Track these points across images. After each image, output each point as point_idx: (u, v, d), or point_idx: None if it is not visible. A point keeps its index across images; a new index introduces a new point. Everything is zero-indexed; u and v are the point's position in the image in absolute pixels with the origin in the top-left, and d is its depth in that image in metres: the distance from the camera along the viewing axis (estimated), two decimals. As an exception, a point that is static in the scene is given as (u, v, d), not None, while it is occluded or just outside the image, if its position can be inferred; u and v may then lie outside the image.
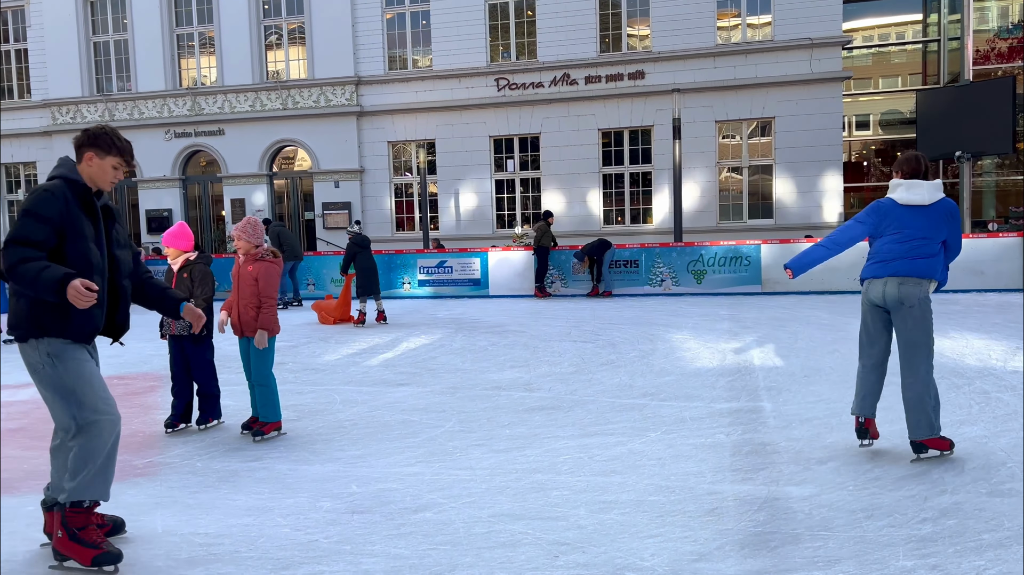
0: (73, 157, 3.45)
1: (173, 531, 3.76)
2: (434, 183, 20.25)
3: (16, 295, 3.25)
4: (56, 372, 3.22)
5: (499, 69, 19.54)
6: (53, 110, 22.04)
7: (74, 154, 3.44)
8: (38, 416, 6.33)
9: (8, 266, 3.10)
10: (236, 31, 20.78)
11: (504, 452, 4.99)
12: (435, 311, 13.17)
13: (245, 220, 5.56)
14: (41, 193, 3.21)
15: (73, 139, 3.46)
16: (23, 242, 3.13)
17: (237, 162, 21.13)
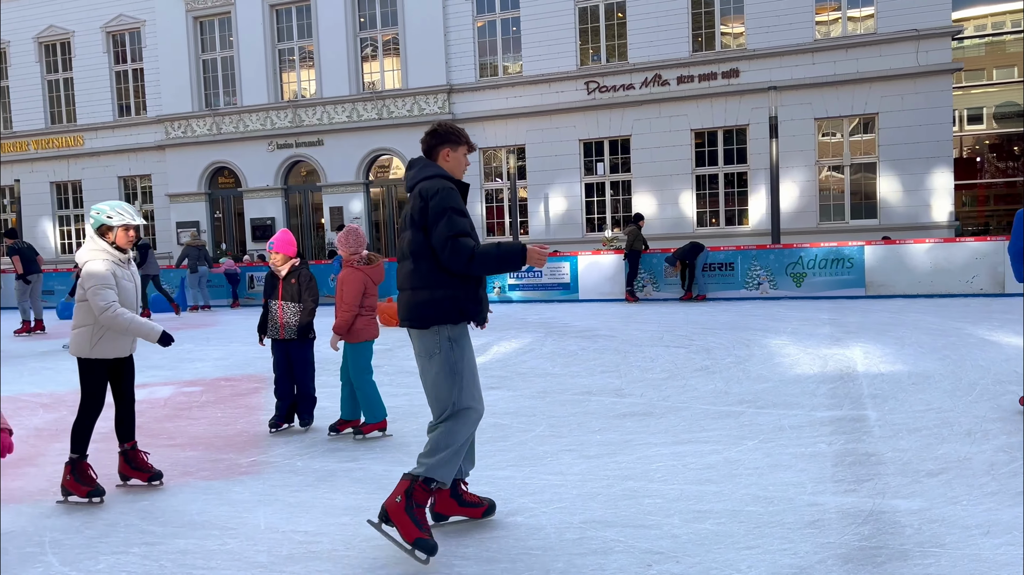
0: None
1: (275, 528, 3.90)
2: (524, 188, 20.36)
3: (423, 287, 3.49)
4: (452, 355, 3.49)
5: (589, 72, 19.48)
6: (166, 125, 23.31)
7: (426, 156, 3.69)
8: (151, 415, 6.70)
9: (466, 258, 3.38)
10: (334, 44, 21.47)
11: (595, 458, 4.96)
12: (525, 315, 13.22)
13: (346, 229, 5.76)
14: (448, 191, 3.47)
15: (422, 142, 3.71)
16: (463, 234, 3.42)
17: (335, 171, 21.82)
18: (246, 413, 6.69)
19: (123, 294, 4.50)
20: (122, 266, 4.55)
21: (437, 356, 3.50)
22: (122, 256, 4.54)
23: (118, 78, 24.19)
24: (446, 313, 3.48)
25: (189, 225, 23.23)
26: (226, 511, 4.17)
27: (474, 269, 3.42)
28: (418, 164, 3.67)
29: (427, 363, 3.54)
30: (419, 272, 3.51)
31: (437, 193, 3.46)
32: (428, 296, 3.49)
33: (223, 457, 5.32)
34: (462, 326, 3.55)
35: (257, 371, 8.73)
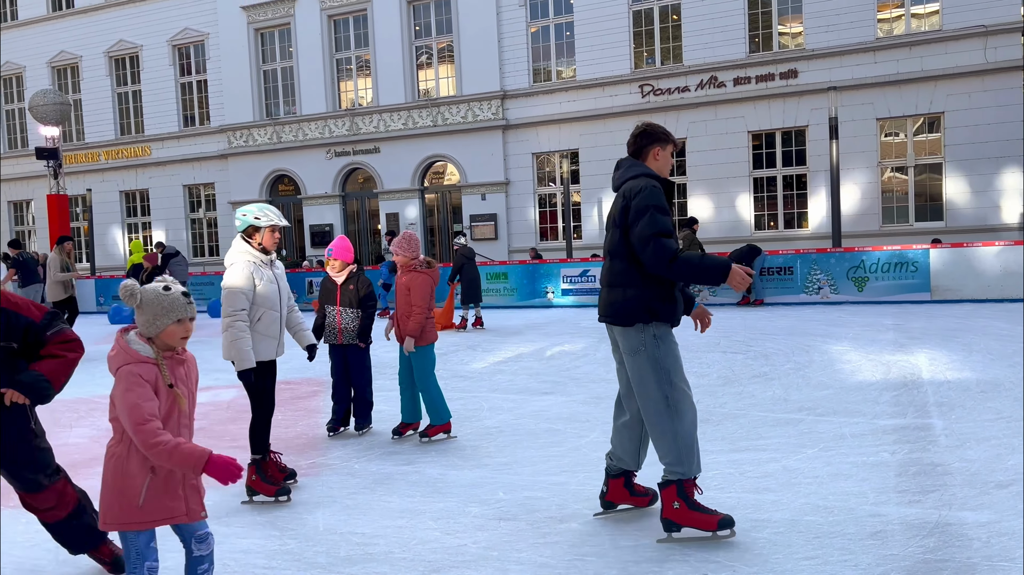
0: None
1: (333, 530, 3.98)
2: (577, 192, 20.32)
3: (618, 286, 3.61)
4: (659, 352, 3.59)
5: (643, 75, 19.36)
6: (229, 135, 23.97)
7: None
8: (215, 418, 6.89)
9: (668, 260, 3.42)
10: (390, 53, 21.79)
11: (647, 463, 4.92)
12: (578, 320, 13.18)
13: (402, 235, 5.85)
14: (652, 189, 3.56)
15: (629, 144, 3.79)
16: (666, 234, 3.50)
17: (391, 178, 22.12)
18: (305, 416, 6.83)
19: (266, 295, 4.52)
20: (266, 267, 4.58)
21: (643, 352, 3.59)
22: (266, 258, 4.58)
23: (183, 90, 24.98)
24: (640, 312, 3.55)
25: (250, 232, 23.80)
26: (286, 512, 4.27)
27: (674, 272, 3.44)
28: (625, 164, 3.74)
29: (632, 360, 3.63)
30: (616, 270, 3.61)
31: (641, 191, 3.51)
32: (626, 294, 3.57)
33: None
34: (664, 323, 3.61)
35: (316, 375, 8.90)
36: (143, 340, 2.64)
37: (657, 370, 3.56)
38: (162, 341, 2.64)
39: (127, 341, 2.63)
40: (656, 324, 3.57)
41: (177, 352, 2.70)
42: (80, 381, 9.01)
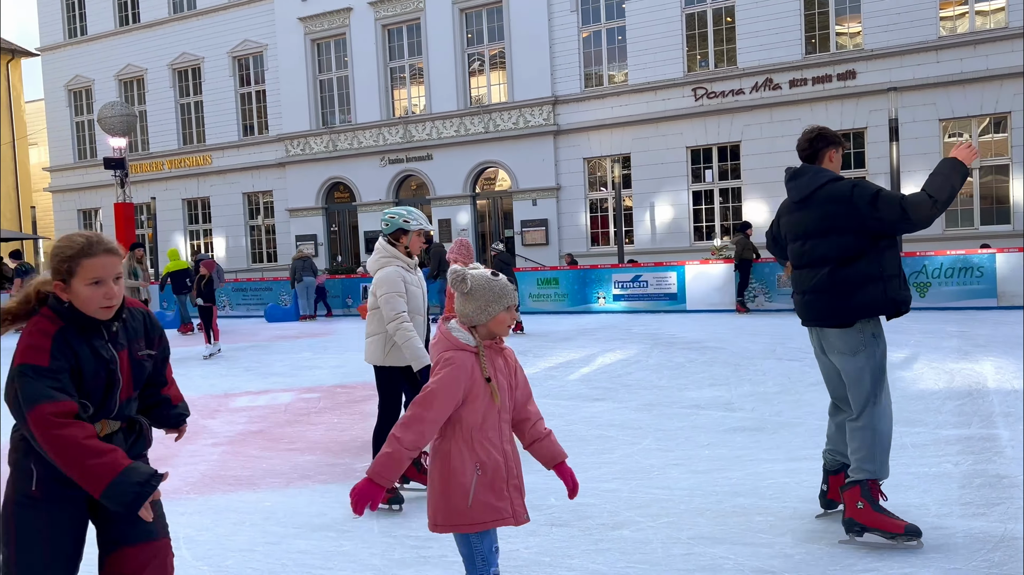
0: None
1: (388, 532, 4.04)
2: (629, 197, 20.22)
3: (830, 292, 3.67)
4: (877, 350, 3.67)
5: (696, 78, 19.18)
6: (286, 143, 24.51)
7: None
8: (273, 420, 7.05)
9: (928, 204, 3.49)
10: (442, 61, 22.03)
11: (704, 473, 4.88)
12: (630, 326, 13.10)
13: (458, 242, 5.91)
14: (857, 182, 3.69)
15: (801, 148, 3.92)
16: (902, 196, 3.61)
17: (443, 184, 22.33)
18: (361, 420, 6.95)
19: (411, 300, 4.48)
20: (411, 271, 4.54)
21: (863, 352, 3.64)
22: (411, 262, 4.54)
23: (242, 100, 25.63)
24: (870, 308, 3.62)
25: (307, 239, 24.30)
26: (342, 514, 4.36)
27: (940, 204, 3.48)
28: (810, 171, 3.79)
29: (851, 360, 3.67)
30: (839, 275, 3.62)
31: (856, 186, 3.63)
32: (852, 296, 3.61)
33: (339, 462, 5.55)
34: (878, 321, 3.69)
35: (370, 379, 9.03)
36: (465, 329, 2.59)
37: (873, 367, 3.64)
38: (488, 329, 2.59)
39: (449, 329, 2.60)
40: (873, 322, 3.65)
41: (497, 341, 2.64)
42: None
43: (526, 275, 16.97)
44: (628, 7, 19.80)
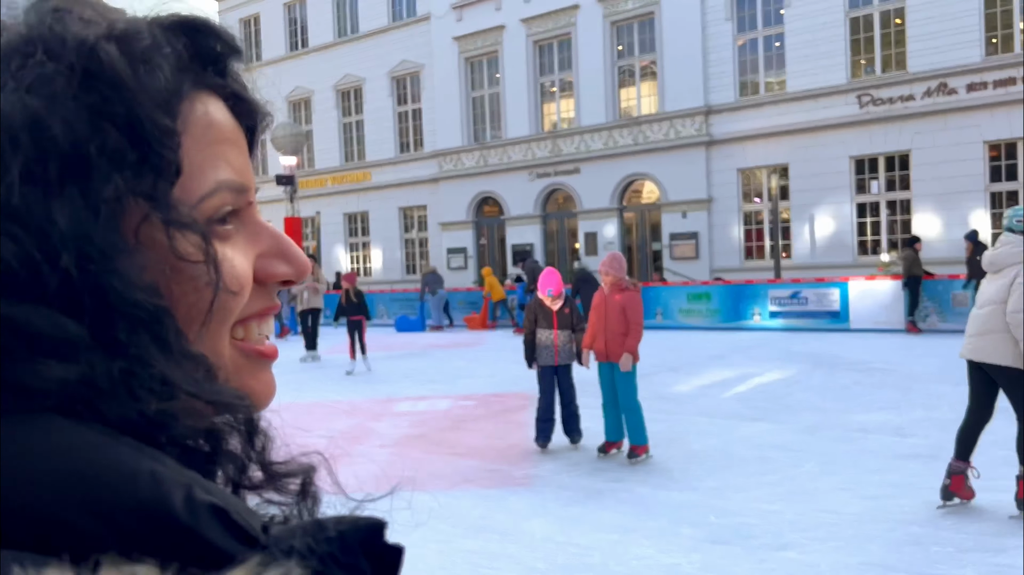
0: None
1: (550, 538, 4.15)
2: (786, 209, 19.47)
3: None
4: None
5: (861, 85, 18.23)
6: (439, 159, 25.46)
7: None
8: (434, 425, 7.37)
9: None
10: (592, 74, 22.16)
11: (873, 499, 4.67)
12: (788, 344, 12.61)
13: (610, 256, 5.96)
14: None
15: None
16: None
17: (590, 197, 22.41)
18: (516, 429, 7.13)
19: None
20: None
21: None
22: None
23: (400, 118, 26.88)
24: None
25: (457, 251, 25.10)
26: (504, 518, 4.51)
27: None
28: None
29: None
30: None
31: None
32: None
33: (498, 468, 5.74)
34: None
35: (522, 389, 9.22)
36: None
37: None
38: None
39: None
40: None
41: None
42: (317, 387, 9.94)
43: (675, 290, 16.73)
44: (787, 13, 19.13)
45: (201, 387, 0.42)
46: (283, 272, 0.50)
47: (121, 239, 0.41)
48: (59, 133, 0.40)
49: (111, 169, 0.41)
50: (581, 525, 4.34)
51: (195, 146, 0.45)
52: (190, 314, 0.44)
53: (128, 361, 0.40)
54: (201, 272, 0.44)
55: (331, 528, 0.40)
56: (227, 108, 0.49)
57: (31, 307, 0.38)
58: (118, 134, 0.41)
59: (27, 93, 0.40)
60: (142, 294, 0.41)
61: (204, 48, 0.48)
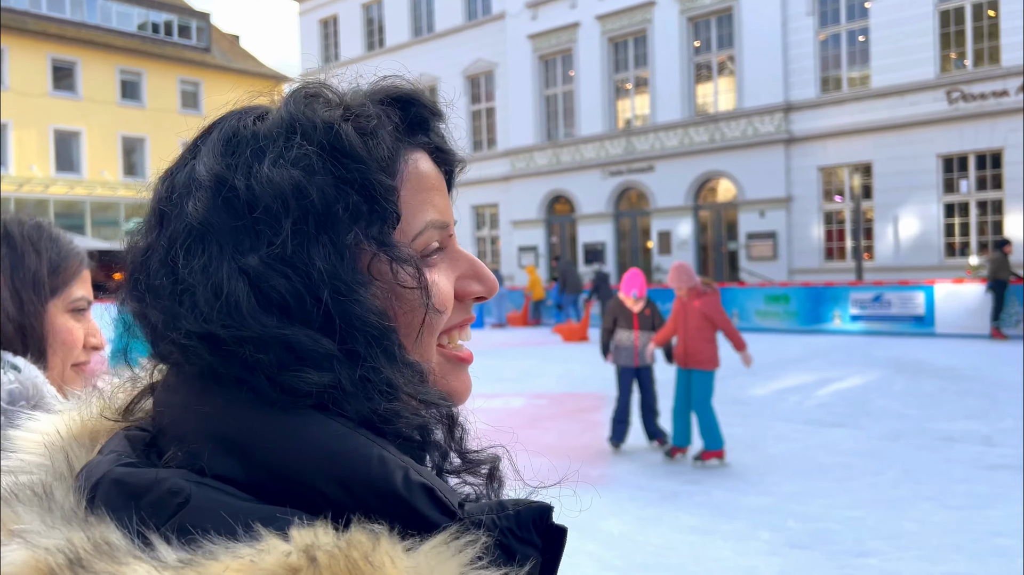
0: None
1: (628, 537, 4.21)
2: (869, 208, 18.90)
3: None
4: None
5: (951, 80, 17.53)
6: (512, 158, 25.63)
7: None
8: (509, 423, 7.49)
9: None
10: (668, 71, 21.93)
11: (959, 510, 4.56)
12: (870, 349, 12.27)
13: (674, 270, 5.87)
14: None
15: None
16: None
17: (664, 196, 22.20)
18: (589, 428, 7.19)
19: None
20: None
21: None
22: None
23: (473, 117, 27.15)
24: None
25: (528, 249, 25.22)
26: (581, 516, 4.58)
27: None
28: None
29: None
30: None
31: None
32: None
33: (573, 466, 5.81)
34: None
35: (594, 389, 9.27)
36: None
37: None
38: None
39: None
40: None
41: None
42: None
43: (751, 291, 16.45)
44: (872, 7, 18.55)
45: (416, 389, 0.55)
46: (477, 290, 0.63)
47: (360, 274, 0.54)
48: (316, 197, 0.53)
49: (351, 222, 0.54)
50: (659, 525, 4.38)
51: (409, 195, 0.58)
52: (407, 330, 0.56)
53: (364, 370, 0.52)
54: (416, 296, 0.56)
55: (510, 507, 0.52)
56: (431, 159, 0.62)
57: (299, 328, 0.52)
58: (356, 195, 0.54)
59: (292, 167, 0.54)
60: (375, 316, 0.53)
61: (414, 116, 0.62)
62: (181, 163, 0.58)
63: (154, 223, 0.57)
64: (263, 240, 0.52)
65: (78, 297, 1.10)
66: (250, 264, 0.51)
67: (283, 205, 0.52)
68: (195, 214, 0.53)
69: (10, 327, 1.01)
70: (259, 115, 0.58)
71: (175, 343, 0.52)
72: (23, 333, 1.02)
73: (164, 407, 0.54)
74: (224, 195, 0.53)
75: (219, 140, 0.56)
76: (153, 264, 0.55)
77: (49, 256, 1.08)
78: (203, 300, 0.51)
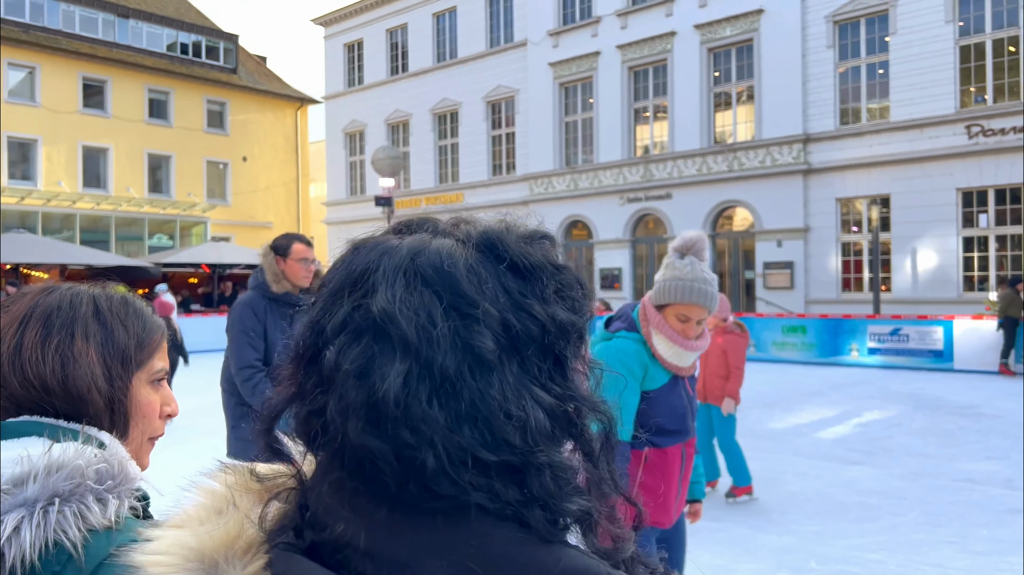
0: None
1: None
2: (887, 240, 18.89)
3: None
4: None
5: (971, 115, 17.58)
6: (531, 183, 25.81)
7: None
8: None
9: None
10: (688, 100, 22.10)
11: (982, 555, 4.57)
12: (888, 383, 12.24)
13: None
14: None
15: None
16: None
17: (681, 223, 22.25)
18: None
19: None
20: None
21: None
22: None
23: (493, 141, 27.40)
24: None
25: (546, 272, 25.26)
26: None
27: None
28: None
29: None
30: None
31: None
32: None
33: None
34: None
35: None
36: None
37: None
38: None
39: None
40: None
41: None
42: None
43: (769, 321, 16.45)
44: (892, 41, 18.66)
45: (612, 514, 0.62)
46: None
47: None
48: (572, 329, 0.62)
49: (579, 348, 0.63)
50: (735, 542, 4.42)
51: None
52: None
53: (600, 499, 0.60)
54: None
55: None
56: None
57: (569, 456, 0.59)
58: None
59: (553, 305, 0.62)
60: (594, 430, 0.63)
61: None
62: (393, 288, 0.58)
63: (389, 350, 0.56)
64: (544, 370, 0.58)
65: (159, 369, 1.12)
66: (540, 392, 0.57)
67: (557, 335, 0.60)
68: (483, 345, 0.56)
69: (100, 401, 1.03)
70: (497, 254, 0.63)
71: (460, 477, 0.53)
72: (111, 408, 1.04)
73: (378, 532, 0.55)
74: (505, 328, 0.58)
75: (457, 276, 0.59)
76: (412, 393, 0.55)
77: (136, 331, 1.10)
78: (501, 428, 0.54)
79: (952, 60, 17.90)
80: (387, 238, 0.64)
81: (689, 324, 2.69)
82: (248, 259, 26.47)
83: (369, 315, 0.57)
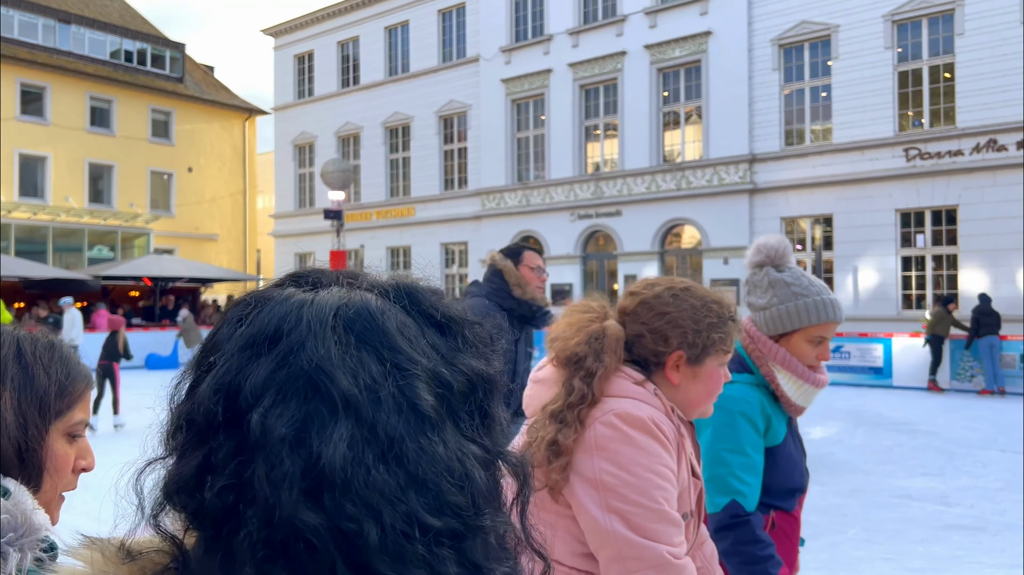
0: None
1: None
2: (829, 259, 19.34)
3: None
4: None
5: (909, 138, 18.16)
6: (483, 198, 25.81)
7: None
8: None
9: None
10: (637, 119, 22.39)
11: (918, 572, 4.64)
12: (830, 400, 12.45)
13: None
14: None
15: None
16: None
17: (631, 240, 22.50)
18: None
19: None
20: None
21: None
22: None
23: (445, 156, 27.35)
24: None
25: (497, 288, 25.24)
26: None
27: None
28: None
29: None
30: None
31: None
32: None
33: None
34: None
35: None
36: None
37: None
38: None
39: None
40: None
41: None
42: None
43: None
44: (835, 65, 19.21)
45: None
46: None
47: None
48: (497, 381, 0.61)
49: (499, 402, 0.61)
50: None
51: None
52: None
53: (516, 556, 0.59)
54: None
55: None
56: None
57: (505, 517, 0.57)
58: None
59: (475, 359, 0.59)
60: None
61: None
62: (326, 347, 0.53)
63: (327, 412, 0.51)
64: (474, 426, 0.56)
65: (78, 421, 1.06)
66: (475, 449, 0.54)
67: (485, 390, 0.58)
68: (426, 403, 0.53)
69: (10, 449, 0.96)
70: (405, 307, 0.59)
71: (402, 551, 0.48)
72: (21, 457, 0.98)
73: None
74: (435, 385, 0.55)
75: (391, 332, 0.55)
76: (358, 459, 0.50)
77: (58, 378, 1.04)
78: (447, 490, 0.51)
79: (891, 85, 18.49)
80: (290, 292, 0.58)
81: (824, 346, 2.24)
82: (192, 272, 25.91)
83: (301, 373, 0.52)
